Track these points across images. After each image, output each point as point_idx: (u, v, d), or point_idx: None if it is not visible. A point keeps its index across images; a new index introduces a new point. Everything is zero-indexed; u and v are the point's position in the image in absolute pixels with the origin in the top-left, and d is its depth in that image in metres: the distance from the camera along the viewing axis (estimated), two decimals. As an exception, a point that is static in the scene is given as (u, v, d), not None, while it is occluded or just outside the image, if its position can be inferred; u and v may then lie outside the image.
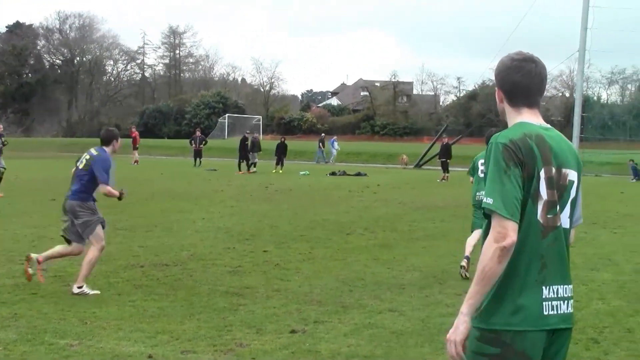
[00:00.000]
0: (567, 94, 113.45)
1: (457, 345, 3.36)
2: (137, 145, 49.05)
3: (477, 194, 11.06)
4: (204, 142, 48.64)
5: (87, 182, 9.88)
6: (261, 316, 8.70)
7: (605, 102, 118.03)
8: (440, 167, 39.75)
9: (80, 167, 9.98)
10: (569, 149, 3.60)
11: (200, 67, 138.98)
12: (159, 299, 9.44)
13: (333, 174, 41.07)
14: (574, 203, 3.58)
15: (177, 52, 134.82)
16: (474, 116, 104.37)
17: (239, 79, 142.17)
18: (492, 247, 3.27)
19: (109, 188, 9.99)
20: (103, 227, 10.10)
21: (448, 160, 39.06)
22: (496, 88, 3.69)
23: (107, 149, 10.13)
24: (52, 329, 7.99)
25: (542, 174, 3.40)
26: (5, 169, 23.52)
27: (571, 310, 3.54)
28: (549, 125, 3.60)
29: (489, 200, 3.32)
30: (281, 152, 43.36)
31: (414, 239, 15.45)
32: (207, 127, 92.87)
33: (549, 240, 3.44)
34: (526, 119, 3.57)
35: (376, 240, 15.03)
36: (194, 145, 47.56)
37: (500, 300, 3.38)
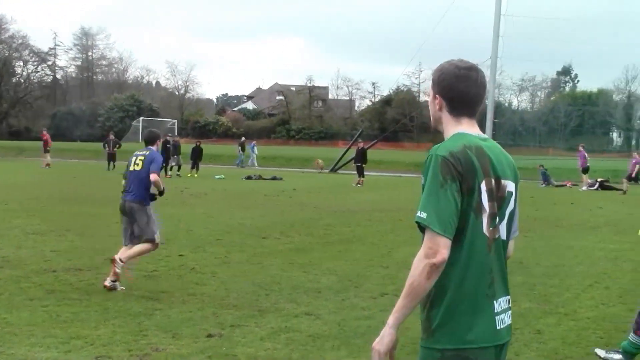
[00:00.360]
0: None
1: (381, 355, 3.31)
2: (49, 148, 48.16)
3: None
4: (117, 146, 47.95)
5: (145, 180, 10.70)
6: (177, 320, 8.65)
7: (516, 108, 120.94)
8: (355, 172, 39.97)
9: (138, 168, 10.83)
10: (507, 160, 3.54)
11: (114, 69, 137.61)
12: (72, 304, 9.29)
13: (249, 178, 41.05)
14: (512, 215, 3.54)
15: (90, 54, 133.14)
16: (389, 121, 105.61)
17: (154, 82, 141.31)
18: (422, 262, 3.20)
19: (158, 178, 10.85)
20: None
21: (363, 165, 39.31)
22: (435, 95, 3.55)
23: (153, 148, 11.09)
24: (-38, 335, 7.80)
25: (482, 186, 3.33)
26: None
27: (510, 322, 3.52)
28: (485, 136, 3.53)
29: (423, 215, 3.22)
30: (196, 156, 43.09)
31: (329, 243, 15.52)
32: (120, 130, 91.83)
33: (492, 253, 3.39)
34: (465, 130, 3.48)
35: (292, 244, 15.06)
36: (107, 148, 46.88)
37: (453, 318, 3.30)
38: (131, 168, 10.90)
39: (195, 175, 41.30)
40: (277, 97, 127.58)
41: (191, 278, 11.22)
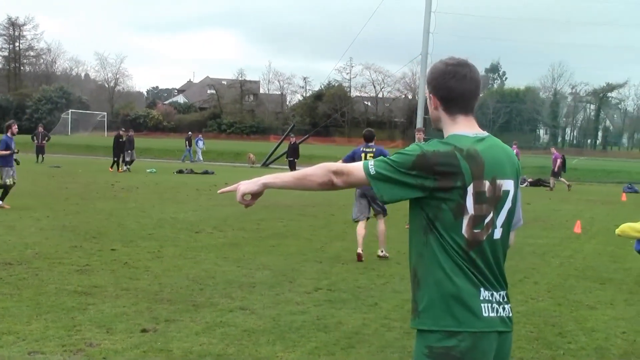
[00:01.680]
0: (410, 96, 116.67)
1: (239, 194, 3.79)
2: (-25, 141, 47.27)
3: None
4: (47, 138, 47.25)
5: None
6: (111, 315, 8.58)
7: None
8: (287, 167, 39.98)
9: None
10: (507, 157, 3.47)
11: (42, 60, 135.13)
12: (3, 299, 9.14)
13: (180, 172, 40.80)
14: (511, 212, 3.48)
15: (17, 44, 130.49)
16: (320, 116, 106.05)
17: (83, 74, 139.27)
18: (328, 172, 3.45)
19: None
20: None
21: (295, 160, 39.36)
22: (430, 95, 3.53)
23: (373, 144, 13.62)
24: None
25: (470, 189, 3.25)
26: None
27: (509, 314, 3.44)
28: (485, 133, 3.48)
29: (372, 163, 3.32)
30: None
31: (262, 237, 15.53)
32: (49, 122, 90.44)
33: (474, 253, 3.31)
34: (461, 130, 3.43)
35: (225, 239, 15.04)
36: (36, 141, 46.14)
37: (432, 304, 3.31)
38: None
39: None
40: (208, 91, 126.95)
41: (124, 272, 11.13)
